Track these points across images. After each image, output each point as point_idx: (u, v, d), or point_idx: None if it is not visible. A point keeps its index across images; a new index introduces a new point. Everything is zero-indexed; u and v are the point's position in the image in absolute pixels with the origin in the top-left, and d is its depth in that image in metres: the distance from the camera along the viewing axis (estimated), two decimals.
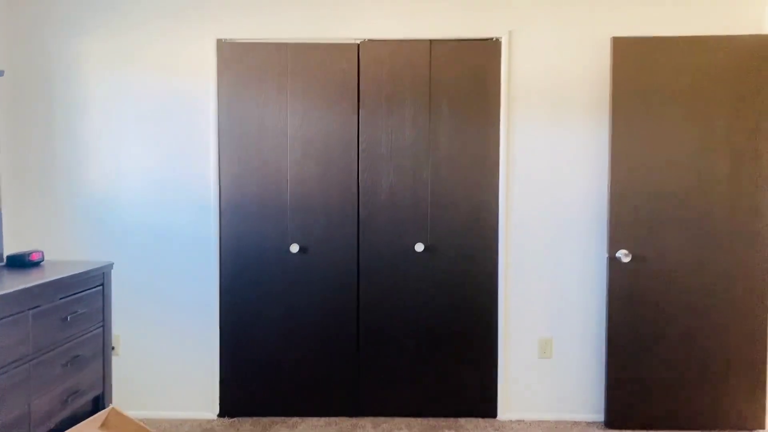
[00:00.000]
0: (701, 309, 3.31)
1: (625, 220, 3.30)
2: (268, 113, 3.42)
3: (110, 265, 3.00)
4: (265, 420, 3.44)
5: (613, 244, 3.31)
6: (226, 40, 3.41)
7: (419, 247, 3.44)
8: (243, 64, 3.41)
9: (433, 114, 3.42)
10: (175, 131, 3.44)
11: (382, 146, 3.43)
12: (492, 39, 3.41)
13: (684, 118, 3.27)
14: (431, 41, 3.40)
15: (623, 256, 3.29)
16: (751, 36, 3.26)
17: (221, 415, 3.49)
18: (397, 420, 3.45)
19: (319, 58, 3.40)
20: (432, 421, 3.44)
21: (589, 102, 3.42)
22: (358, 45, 3.40)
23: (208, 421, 3.43)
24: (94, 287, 2.89)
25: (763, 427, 3.34)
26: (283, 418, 3.47)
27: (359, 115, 3.42)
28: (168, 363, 3.49)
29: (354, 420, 3.45)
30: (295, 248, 3.42)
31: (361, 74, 3.41)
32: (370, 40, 3.40)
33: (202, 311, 3.47)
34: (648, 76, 3.26)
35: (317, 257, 3.45)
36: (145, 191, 3.45)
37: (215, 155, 3.42)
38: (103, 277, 2.96)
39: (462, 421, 3.45)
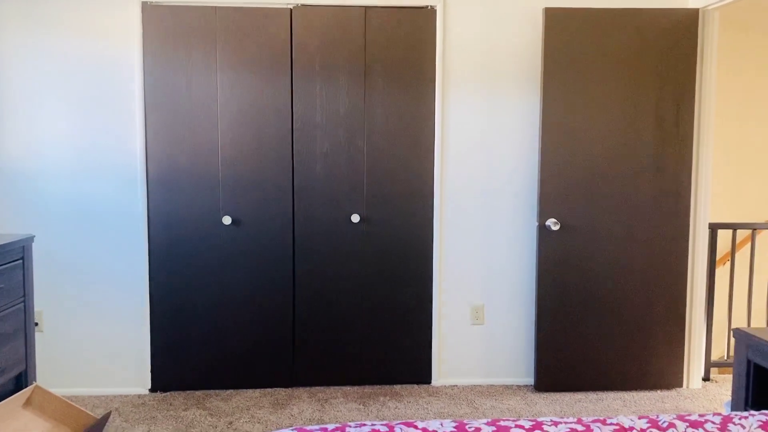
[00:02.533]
0: (626, 275, 3.44)
1: (554, 189, 3.38)
2: (196, 81, 3.31)
3: (30, 238, 2.87)
4: (199, 393, 3.40)
5: (543, 213, 3.40)
6: (151, 2, 3.27)
7: (355, 218, 3.43)
8: (170, 28, 3.28)
9: (368, 83, 3.39)
10: (98, 100, 3.29)
11: (316, 115, 3.39)
12: (427, 7, 3.39)
13: (613, 89, 3.35)
14: (366, 8, 3.35)
15: (552, 224, 3.38)
16: (676, 9, 3.36)
17: (153, 389, 3.42)
18: (333, 389, 3.48)
19: (249, 23, 3.31)
20: (368, 389, 3.48)
21: (523, 73, 3.46)
22: (291, 10, 3.32)
23: (140, 397, 3.36)
24: (13, 261, 2.76)
25: (681, 385, 3.53)
26: (217, 390, 3.44)
27: (292, 83, 3.35)
28: (96, 338, 3.39)
29: (290, 390, 3.45)
30: (227, 220, 3.35)
31: (294, 41, 3.34)
32: (303, 5, 3.32)
33: (131, 285, 3.37)
34: (578, 47, 3.33)
35: (251, 229, 3.40)
36: (68, 162, 3.30)
37: (141, 125, 3.30)
38: (23, 251, 2.83)
39: (397, 387, 3.51)
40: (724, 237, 4.52)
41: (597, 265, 3.43)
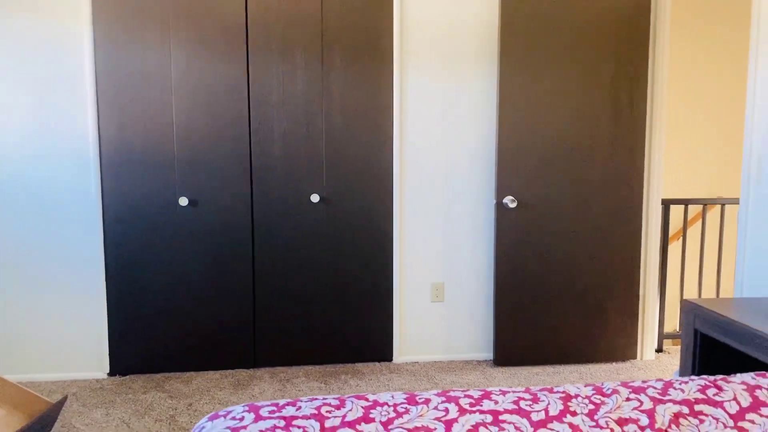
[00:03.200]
0: (582, 250, 3.52)
1: (512, 167, 3.42)
2: (150, 59, 3.24)
3: None
4: (159, 376, 3.37)
5: (501, 191, 3.43)
6: None
7: (315, 198, 3.42)
8: (120, 6, 3.19)
9: (326, 61, 3.36)
10: (49, 80, 3.19)
11: (273, 95, 3.35)
12: None
13: (568, 68, 3.39)
14: None
15: (509, 202, 3.43)
16: None
17: (112, 373, 3.38)
18: (295, 368, 3.48)
19: (203, 1, 3.24)
20: (330, 368, 3.50)
21: (482, 52, 3.47)
22: None
23: (98, 381, 3.32)
24: None
25: (635, 357, 3.64)
26: (177, 373, 3.41)
27: (249, 62, 3.30)
28: (52, 323, 3.32)
29: (251, 371, 3.45)
30: (184, 201, 3.31)
31: (250, 19, 3.28)
32: None
33: (86, 268, 3.31)
34: (535, 26, 3.35)
35: (208, 210, 3.36)
36: (18, 144, 3.20)
37: (93, 105, 3.21)
38: None
39: (359, 365, 3.54)
40: (677, 214, 4.64)
41: (553, 241, 3.49)
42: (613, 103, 3.44)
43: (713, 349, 2.49)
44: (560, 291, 3.53)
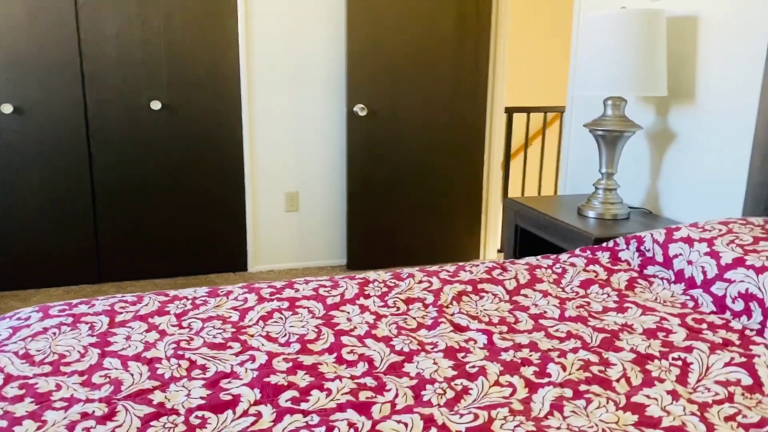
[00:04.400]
0: (429, 158, 3.63)
1: (362, 76, 3.41)
2: None
3: None
4: None
5: (351, 99, 3.43)
6: None
7: (156, 105, 3.25)
8: None
9: None
10: None
11: None
12: None
13: None
14: None
15: (359, 110, 3.44)
16: None
17: None
18: (144, 282, 3.42)
19: None
20: (181, 280, 3.46)
21: None
22: None
23: None
24: None
25: (478, 257, 3.88)
26: (15, 291, 3.24)
27: None
28: None
29: (97, 286, 3.34)
30: (8, 108, 3.03)
31: None
32: None
33: None
34: None
35: (37, 117, 3.11)
36: None
37: None
38: None
39: (212, 276, 3.53)
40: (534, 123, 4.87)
41: (402, 148, 3.57)
42: (458, 17, 3.47)
43: (531, 242, 2.70)
44: (408, 196, 3.65)
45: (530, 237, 2.69)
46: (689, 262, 1.53)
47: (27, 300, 3.15)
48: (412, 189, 3.65)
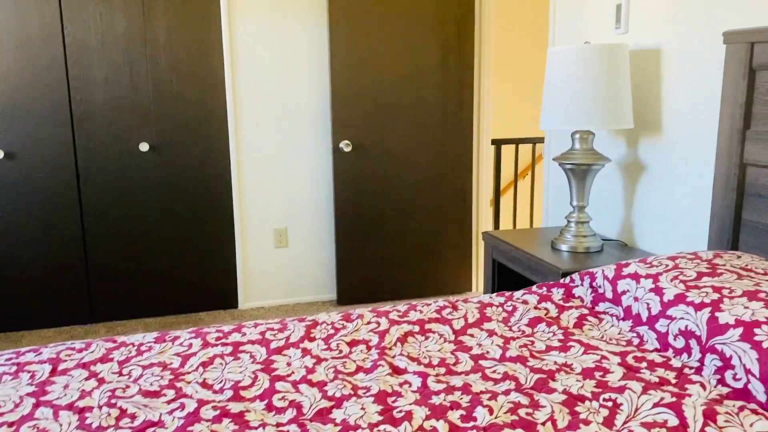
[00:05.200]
0: (417, 192, 3.64)
1: (346, 113, 3.46)
2: None
3: None
4: None
5: (336, 136, 3.48)
6: None
7: (144, 147, 3.32)
8: None
9: (146, 2, 3.22)
10: None
11: (91, 37, 3.18)
12: None
13: (396, 14, 3.42)
14: None
15: (345, 146, 3.48)
16: None
17: None
18: (134, 322, 3.45)
19: None
20: (171, 318, 3.49)
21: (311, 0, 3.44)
22: None
23: None
24: None
25: (470, 290, 3.86)
26: (6, 333, 3.29)
27: (61, 2, 3.11)
28: None
29: (87, 327, 3.38)
30: None
31: None
32: None
33: None
34: None
35: (27, 162, 3.19)
36: None
37: None
38: None
39: (203, 314, 3.55)
40: (523, 156, 4.88)
41: (389, 182, 3.60)
42: (443, 51, 3.52)
43: (510, 275, 2.69)
44: (397, 229, 3.66)
45: (509, 270, 2.68)
46: (635, 299, 1.52)
47: (18, 341, 3.20)
48: (401, 223, 3.66)
